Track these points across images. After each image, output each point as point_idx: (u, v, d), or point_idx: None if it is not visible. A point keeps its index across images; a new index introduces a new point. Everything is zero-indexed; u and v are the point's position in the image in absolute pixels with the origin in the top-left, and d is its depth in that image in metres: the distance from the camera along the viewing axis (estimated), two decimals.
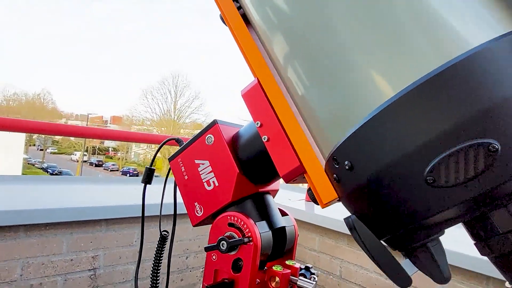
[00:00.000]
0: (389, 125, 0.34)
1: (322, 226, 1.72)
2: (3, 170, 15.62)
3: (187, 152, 0.61)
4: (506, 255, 0.38)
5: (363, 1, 0.38)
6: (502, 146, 0.29)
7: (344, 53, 0.39)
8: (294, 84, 0.45)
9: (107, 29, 78.79)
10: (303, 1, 0.42)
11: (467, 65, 0.31)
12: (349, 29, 0.39)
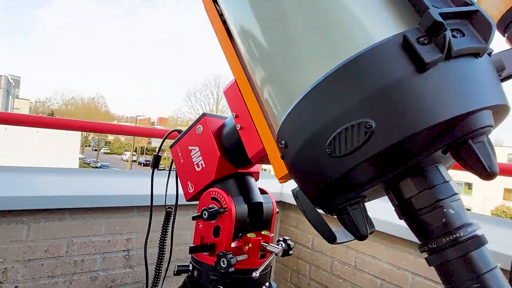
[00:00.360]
0: (306, 109, 0.44)
1: None
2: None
3: (183, 140, 0.74)
4: (412, 217, 0.46)
5: (305, 8, 0.48)
6: (377, 124, 0.38)
7: (282, 52, 0.49)
8: (256, 81, 0.56)
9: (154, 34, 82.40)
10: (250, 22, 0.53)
11: (356, 62, 0.40)
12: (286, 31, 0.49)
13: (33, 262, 1.38)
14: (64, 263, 1.45)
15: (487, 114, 0.39)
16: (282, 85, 0.49)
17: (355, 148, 0.39)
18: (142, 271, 1.65)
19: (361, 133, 0.39)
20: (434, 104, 0.37)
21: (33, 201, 1.34)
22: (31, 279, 1.38)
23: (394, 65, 0.39)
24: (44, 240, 1.40)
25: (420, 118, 0.37)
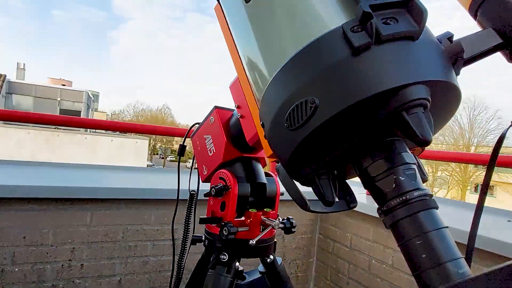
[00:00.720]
0: (274, 90, 0.53)
1: (376, 216, 1.78)
2: None
3: (200, 131, 0.86)
4: (370, 185, 0.52)
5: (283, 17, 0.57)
6: (320, 100, 0.46)
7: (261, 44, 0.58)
8: (248, 74, 0.66)
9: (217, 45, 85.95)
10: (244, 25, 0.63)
11: (308, 49, 0.48)
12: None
13: (95, 244, 1.61)
14: (120, 247, 1.66)
15: (420, 88, 0.45)
16: (260, 73, 0.59)
17: (304, 122, 0.47)
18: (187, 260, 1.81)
19: (308, 109, 0.47)
20: (367, 81, 0.44)
21: (94, 191, 1.57)
22: (93, 259, 1.61)
23: (334, 50, 0.46)
24: (104, 226, 1.62)
25: (355, 93, 0.44)
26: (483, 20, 0.56)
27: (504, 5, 0.53)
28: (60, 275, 1.56)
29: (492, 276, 0.34)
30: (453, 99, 0.52)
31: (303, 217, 2.15)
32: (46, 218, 1.51)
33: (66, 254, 1.56)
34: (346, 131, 0.48)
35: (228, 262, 0.72)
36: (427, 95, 0.45)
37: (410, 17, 0.46)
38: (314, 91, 0.47)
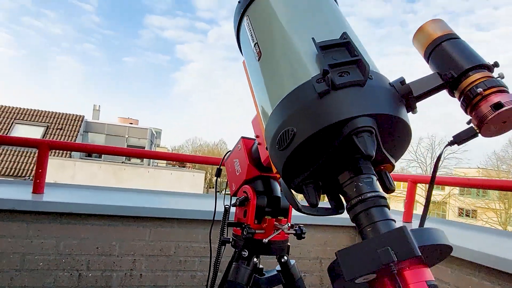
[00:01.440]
0: (271, 122, 0.74)
1: None
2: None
3: (231, 156, 1.09)
4: (341, 190, 0.70)
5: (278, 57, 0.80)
6: (297, 129, 0.66)
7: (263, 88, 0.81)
8: (260, 113, 0.88)
9: None
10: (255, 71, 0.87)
11: (292, 93, 0.69)
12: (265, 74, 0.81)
13: (152, 257, 1.88)
14: (172, 261, 1.91)
15: (365, 119, 0.63)
16: (264, 111, 0.81)
17: (287, 144, 0.68)
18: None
19: (289, 135, 0.68)
20: (327, 115, 0.64)
21: (152, 211, 1.86)
22: (150, 270, 1.88)
23: (306, 95, 0.67)
24: (160, 242, 1.90)
25: (318, 124, 0.64)
26: (431, 66, 0.74)
27: (445, 57, 0.71)
28: (123, 282, 1.84)
29: (387, 235, 0.52)
30: (403, 130, 0.69)
31: (341, 242, 2.25)
32: (114, 232, 1.83)
33: (128, 264, 1.85)
34: (317, 151, 0.68)
35: (248, 257, 0.91)
36: (372, 124, 0.64)
37: (358, 70, 0.66)
38: (293, 123, 0.68)
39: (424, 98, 0.71)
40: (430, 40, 0.74)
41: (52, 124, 17.84)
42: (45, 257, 1.73)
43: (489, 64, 0.67)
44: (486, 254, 1.42)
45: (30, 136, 16.18)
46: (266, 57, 0.82)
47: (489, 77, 0.64)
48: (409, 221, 2.17)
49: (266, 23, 0.88)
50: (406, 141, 0.73)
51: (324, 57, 0.67)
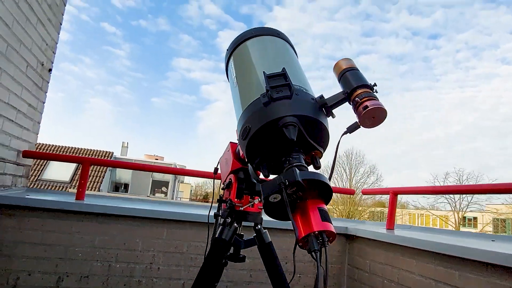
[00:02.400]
0: (239, 124, 1.16)
1: (386, 242, 2.14)
2: None
3: (223, 157, 1.50)
4: (282, 170, 1.10)
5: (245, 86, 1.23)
6: (251, 126, 1.07)
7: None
8: (236, 119, 1.30)
9: None
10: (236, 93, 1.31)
11: (250, 105, 1.11)
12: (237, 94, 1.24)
13: (168, 254, 2.26)
14: (185, 258, 2.28)
15: (291, 117, 1.04)
16: (238, 118, 1.23)
17: (245, 136, 1.09)
18: (234, 273, 2.34)
19: (247, 130, 1.09)
20: (268, 116, 1.05)
21: (168, 214, 2.27)
22: (166, 265, 2.25)
23: (257, 104, 1.09)
24: (174, 240, 2.28)
25: (262, 121, 1.06)
26: (340, 86, 1.15)
27: (346, 81, 1.12)
28: (144, 273, 2.21)
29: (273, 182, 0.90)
30: (320, 127, 1.09)
31: (333, 247, 2.55)
32: (138, 231, 2.23)
33: (149, 258, 2.23)
34: (265, 139, 1.08)
35: (231, 223, 1.29)
36: (295, 121, 1.04)
37: (288, 89, 1.08)
38: (249, 122, 1.09)
39: (335, 107, 1.11)
40: (339, 70, 1.15)
41: None
42: (83, 249, 2.15)
43: (370, 84, 1.07)
44: (436, 243, 1.73)
45: (62, 172, 17.27)
46: (240, 84, 1.26)
47: (366, 91, 1.04)
48: (391, 228, 2.46)
49: (242, 63, 1.33)
50: (325, 135, 1.12)
51: (268, 82, 1.10)
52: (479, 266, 1.50)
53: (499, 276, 1.42)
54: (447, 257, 1.67)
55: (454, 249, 1.61)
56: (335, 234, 0.93)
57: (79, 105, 36.36)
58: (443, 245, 1.67)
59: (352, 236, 2.52)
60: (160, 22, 33.88)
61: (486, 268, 1.47)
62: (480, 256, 1.47)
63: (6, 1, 1.87)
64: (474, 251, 1.51)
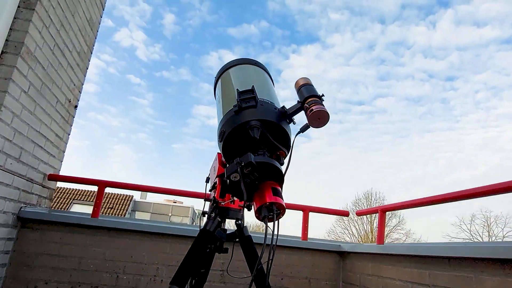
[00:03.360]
0: (218, 128, 1.43)
1: (373, 253, 2.27)
2: None
3: (212, 165, 1.76)
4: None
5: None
6: (225, 130, 1.34)
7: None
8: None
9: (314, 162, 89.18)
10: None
11: (226, 114, 1.40)
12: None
13: (171, 267, 2.46)
14: None
15: (256, 122, 1.31)
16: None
17: (221, 139, 1.37)
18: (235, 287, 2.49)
19: (222, 133, 1.37)
20: (238, 121, 1.34)
21: (172, 230, 2.50)
22: (169, 277, 2.44)
23: (230, 113, 1.38)
24: (177, 254, 2.48)
25: (233, 125, 1.34)
26: (298, 97, 1.43)
27: (301, 93, 1.40)
28: (148, 285, 2.40)
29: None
30: (281, 130, 1.35)
31: (327, 265, 2.67)
32: (144, 245, 2.46)
33: (153, 271, 2.43)
34: (237, 141, 1.35)
35: (215, 217, 1.52)
36: (259, 124, 1.31)
37: (254, 101, 1.37)
38: (224, 127, 1.37)
39: (294, 115, 1.39)
40: (298, 86, 1.44)
41: (104, 203, 19.47)
42: (95, 261, 2.38)
43: (318, 95, 1.34)
44: (408, 246, 1.88)
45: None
46: (221, 100, 1.56)
47: (314, 99, 1.31)
48: (381, 243, 2.58)
49: (225, 85, 1.64)
50: (286, 138, 1.38)
51: (239, 96, 1.39)
52: (442, 262, 1.65)
53: (460, 268, 1.56)
54: (418, 258, 1.81)
55: (421, 248, 1.76)
56: (284, 206, 1.15)
57: (104, 152, 37.84)
58: (413, 246, 1.83)
59: (344, 253, 2.65)
60: (182, 72, 35.89)
61: (448, 262, 1.62)
62: (442, 251, 1.63)
63: (44, 48, 2.31)
64: (436, 248, 1.66)
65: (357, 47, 29.62)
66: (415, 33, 27.42)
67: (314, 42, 35.12)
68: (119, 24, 32.56)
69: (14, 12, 2.06)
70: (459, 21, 26.19)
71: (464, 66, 27.23)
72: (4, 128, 2.01)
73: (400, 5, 27.57)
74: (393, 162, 31.24)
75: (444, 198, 1.91)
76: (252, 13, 35.44)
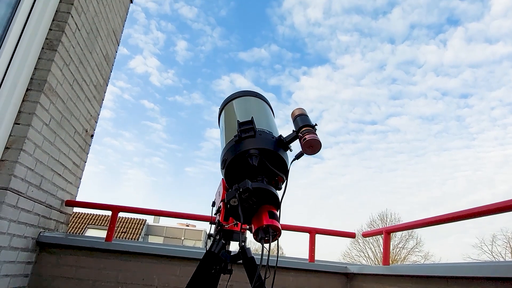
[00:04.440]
0: (221, 156, 1.56)
1: (376, 274, 2.31)
2: None
3: (217, 190, 1.87)
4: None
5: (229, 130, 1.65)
6: (227, 158, 1.46)
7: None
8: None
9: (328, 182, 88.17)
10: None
11: (228, 143, 1.52)
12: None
13: None
14: None
15: (255, 150, 1.43)
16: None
17: (224, 166, 1.49)
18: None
19: (224, 161, 1.49)
20: (239, 150, 1.46)
21: (181, 252, 2.59)
22: None
23: (232, 142, 1.50)
24: (187, 277, 2.56)
25: (234, 154, 1.46)
26: (294, 127, 1.55)
27: (296, 123, 1.52)
28: None
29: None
30: (278, 158, 1.47)
31: (333, 286, 2.70)
32: (155, 268, 2.56)
33: None
34: (238, 168, 1.47)
35: (219, 239, 1.62)
36: (257, 153, 1.43)
37: (252, 130, 1.49)
38: (226, 155, 1.50)
39: (291, 143, 1.50)
40: (293, 116, 1.56)
41: (118, 227, 19.65)
42: (108, 284, 2.48)
43: (312, 124, 1.46)
44: (409, 266, 1.93)
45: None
46: (224, 129, 1.70)
47: (308, 129, 1.43)
48: (387, 264, 2.61)
49: (228, 115, 1.78)
50: (283, 164, 1.49)
51: (239, 126, 1.52)
52: (440, 281, 1.70)
53: (457, 287, 1.61)
54: (419, 278, 1.86)
55: (422, 269, 1.81)
56: (279, 228, 1.25)
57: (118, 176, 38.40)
58: (415, 267, 1.88)
59: (351, 274, 2.69)
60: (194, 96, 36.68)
61: (446, 282, 1.67)
62: (441, 271, 1.68)
63: (64, 84, 2.51)
64: (435, 268, 1.71)
65: (368, 67, 29.87)
66: (426, 52, 27.56)
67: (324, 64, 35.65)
68: (133, 51, 33.79)
69: (39, 53, 2.28)
70: (470, 39, 26.24)
71: (478, 83, 27.00)
72: (27, 158, 2.18)
73: (409, 25, 27.87)
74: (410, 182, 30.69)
75: (448, 218, 1.97)
76: (262, 37, 36.36)
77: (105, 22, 3.05)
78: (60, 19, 2.38)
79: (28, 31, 2.21)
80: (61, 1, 2.43)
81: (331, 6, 29.91)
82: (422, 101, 27.96)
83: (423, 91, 27.98)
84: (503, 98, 26.04)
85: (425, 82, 27.57)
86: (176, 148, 38.32)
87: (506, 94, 25.77)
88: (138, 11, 31.45)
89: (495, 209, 1.67)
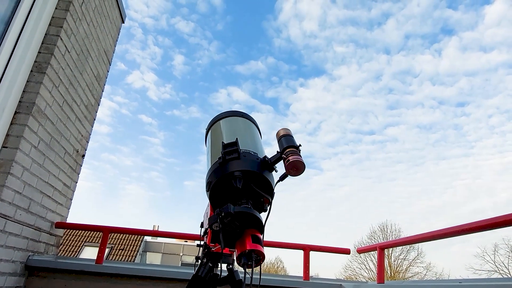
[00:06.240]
0: (206, 177, 1.55)
1: None
2: None
3: (205, 212, 1.85)
4: None
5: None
6: (211, 180, 1.45)
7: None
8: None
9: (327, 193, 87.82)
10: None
11: (212, 165, 1.52)
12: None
13: None
14: None
15: (239, 172, 1.43)
16: None
17: (208, 188, 1.48)
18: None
19: (208, 184, 1.48)
20: (222, 172, 1.45)
21: (173, 274, 2.55)
22: None
23: (216, 164, 1.50)
24: None
25: (218, 176, 1.45)
26: (278, 147, 1.54)
27: (281, 143, 1.52)
28: None
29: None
30: (262, 179, 1.46)
31: None
32: None
33: None
34: (222, 190, 1.46)
35: (206, 262, 1.59)
36: (241, 175, 1.43)
37: (236, 152, 1.49)
38: (210, 177, 1.49)
39: (275, 163, 1.49)
40: (278, 136, 1.56)
41: (116, 245, 19.41)
42: None
43: (297, 145, 1.46)
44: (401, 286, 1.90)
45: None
46: (210, 151, 1.69)
47: (292, 150, 1.43)
48: (382, 282, 2.57)
49: (214, 136, 1.78)
50: (268, 185, 1.48)
51: (223, 148, 1.51)
52: None
53: None
54: None
55: (415, 286, 1.78)
56: (263, 253, 1.23)
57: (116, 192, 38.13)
58: (409, 285, 1.85)
59: None
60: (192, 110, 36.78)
61: None
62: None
63: (54, 106, 2.51)
64: (429, 286, 1.69)
65: (364, 77, 30.11)
66: (421, 61, 27.82)
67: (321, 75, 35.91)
68: (131, 67, 34.04)
69: (27, 76, 2.29)
70: (465, 48, 26.53)
71: (474, 92, 27.19)
72: (15, 181, 2.16)
73: (404, 36, 28.21)
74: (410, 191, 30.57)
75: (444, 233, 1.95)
76: (258, 50, 36.72)
77: (96, 43, 3.08)
78: (49, 42, 2.40)
79: (17, 55, 2.22)
80: (50, 24, 2.46)
81: (326, 18, 30.34)
82: (419, 110, 28.11)
83: (420, 100, 28.16)
84: (500, 105, 26.19)
85: (421, 91, 27.78)
86: (174, 162, 38.22)
87: (503, 101, 25.93)
88: (135, 26, 31.80)
89: (485, 225, 1.66)
